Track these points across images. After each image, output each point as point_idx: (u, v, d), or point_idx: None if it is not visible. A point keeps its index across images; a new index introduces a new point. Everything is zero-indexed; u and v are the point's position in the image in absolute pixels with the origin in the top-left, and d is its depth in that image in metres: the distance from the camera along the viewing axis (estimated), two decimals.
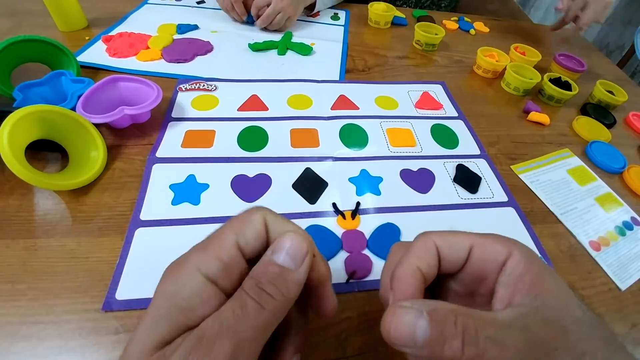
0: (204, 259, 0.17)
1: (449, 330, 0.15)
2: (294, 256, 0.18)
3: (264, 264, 0.18)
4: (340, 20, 0.74)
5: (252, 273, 0.17)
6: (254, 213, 0.19)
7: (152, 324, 0.16)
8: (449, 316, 0.15)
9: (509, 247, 0.19)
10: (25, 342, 0.26)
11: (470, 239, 0.20)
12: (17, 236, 0.32)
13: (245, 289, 0.16)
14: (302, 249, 0.18)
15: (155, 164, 0.39)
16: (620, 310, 0.34)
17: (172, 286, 0.17)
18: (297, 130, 0.46)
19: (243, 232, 0.18)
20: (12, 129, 0.31)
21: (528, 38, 0.78)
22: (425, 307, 0.16)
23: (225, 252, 0.18)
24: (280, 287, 0.17)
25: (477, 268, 0.20)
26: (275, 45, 0.62)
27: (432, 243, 0.20)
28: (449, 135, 0.49)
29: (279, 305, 0.16)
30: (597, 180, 0.46)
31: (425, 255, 0.20)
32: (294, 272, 0.17)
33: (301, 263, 0.18)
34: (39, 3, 0.57)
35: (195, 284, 0.16)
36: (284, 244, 0.18)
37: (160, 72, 0.52)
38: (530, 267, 0.18)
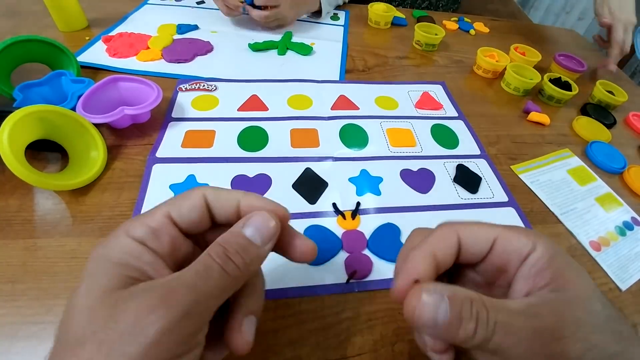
0: (130, 224, 0.19)
1: (465, 314, 0.16)
2: (263, 234, 0.19)
3: (233, 234, 0.19)
4: (340, 20, 0.74)
5: (221, 240, 0.18)
6: (192, 190, 0.20)
7: (93, 280, 0.17)
8: (466, 301, 0.17)
9: (533, 240, 0.19)
10: (25, 341, 0.26)
11: (495, 231, 0.20)
12: (17, 236, 0.32)
13: (212, 254, 0.18)
14: (272, 230, 0.19)
15: (155, 164, 0.39)
16: (620, 310, 0.34)
17: (102, 250, 0.18)
18: (297, 130, 0.46)
19: (177, 205, 0.20)
20: (12, 129, 0.31)
21: (528, 38, 0.78)
22: (446, 291, 0.17)
23: (153, 219, 0.19)
24: (245, 258, 0.18)
25: (498, 260, 0.20)
26: (275, 45, 0.62)
27: (453, 233, 0.20)
28: (449, 135, 0.49)
29: (240, 274, 0.18)
30: (597, 180, 0.46)
31: (443, 244, 0.20)
32: (259, 247, 0.19)
33: (268, 242, 0.19)
34: (39, 3, 0.57)
35: (124, 243, 0.18)
36: (254, 221, 0.19)
37: (160, 72, 0.52)
38: (552, 262, 0.18)
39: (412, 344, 0.29)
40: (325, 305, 0.30)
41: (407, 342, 0.29)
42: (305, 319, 0.29)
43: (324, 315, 0.29)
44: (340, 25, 0.72)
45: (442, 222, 0.21)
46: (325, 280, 0.31)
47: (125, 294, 0.16)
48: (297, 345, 0.28)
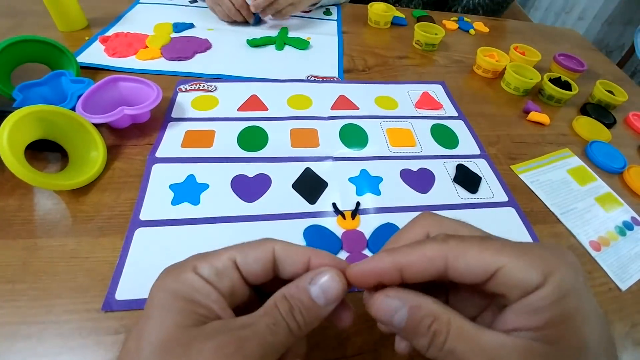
0: (197, 262, 0.19)
1: (421, 330, 0.16)
2: (328, 296, 0.19)
3: (299, 289, 0.19)
4: (333, 15, 0.75)
5: (287, 294, 0.18)
6: (263, 242, 0.20)
7: (165, 314, 0.17)
8: (426, 318, 0.16)
9: (545, 274, 0.16)
10: (25, 342, 0.26)
11: (500, 260, 0.16)
12: (17, 236, 0.32)
13: (280, 309, 0.18)
14: (337, 292, 0.19)
15: (155, 164, 0.39)
16: (620, 310, 0.34)
17: (173, 283, 0.18)
18: (297, 130, 0.46)
19: (244, 253, 0.20)
20: (12, 129, 0.31)
21: (528, 38, 0.78)
22: (410, 301, 0.17)
23: (219, 261, 0.19)
24: (307, 319, 0.18)
25: (497, 289, 0.17)
26: (273, 41, 0.62)
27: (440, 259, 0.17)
28: (449, 135, 0.49)
29: (300, 333, 0.18)
30: (597, 180, 0.46)
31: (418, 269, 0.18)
32: (322, 308, 0.19)
33: (331, 303, 0.19)
34: (39, 3, 0.57)
35: (193, 280, 0.18)
36: (321, 280, 0.19)
37: (161, 70, 0.53)
38: (558, 303, 0.15)
39: None
40: None
41: (407, 342, 0.29)
42: None
43: None
44: (334, 20, 0.73)
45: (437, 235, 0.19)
46: None
47: (199, 333, 0.16)
48: None
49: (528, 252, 0.17)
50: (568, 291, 0.15)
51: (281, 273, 0.20)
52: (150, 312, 0.17)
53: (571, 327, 0.15)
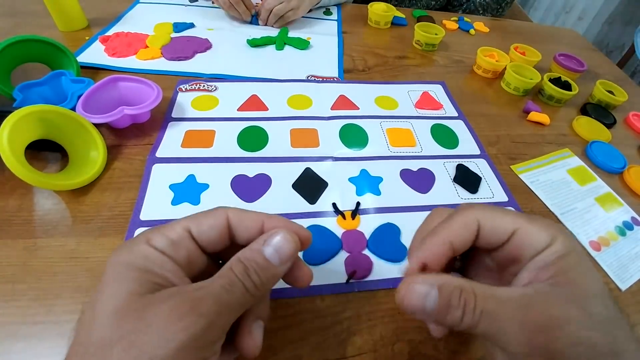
0: (151, 234, 0.19)
1: (454, 302, 0.18)
2: (281, 255, 0.20)
3: (253, 251, 0.20)
4: (333, 15, 0.75)
5: (242, 256, 0.19)
6: (216, 210, 0.21)
7: (119, 285, 0.17)
8: (455, 291, 0.18)
9: (552, 236, 0.19)
10: (25, 341, 0.26)
11: (517, 223, 0.20)
12: (17, 236, 0.32)
13: (235, 270, 0.19)
14: (290, 250, 0.20)
15: (155, 164, 0.39)
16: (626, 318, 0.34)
17: (125, 256, 0.18)
18: (297, 130, 0.46)
19: (198, 221, 0.20)
20: (12, 129, 0.31)
21: (528, 38, 0.78)
22: (437, 281, 0.18)
23: (174, 232, 0.20)
24: (263, 278, 0.19)
25: (514, 250, 0.20)
26: (273, 41, 0.62)
27: (474, 220, 0.20)
28: (449, 135, 0.49)
29: (258, 292, 0.19)
30: (597, 180, 0.46)
31: (461, 231, 0.20)
32: (277, 267, 0.20)
33: (285, 262, 0.20)
34: (39, 3, 0.57)
35: (147, 251, 0.19)
36: (274, 240, 0.20)
37: (161, 70, 0.53)
38: (562, 258, 0.18)
39: (412, 344, 0.29)
40: (325, 305, 0.30)
41: (407, 342, 0.29)
42: (305, 319, 0.29)
43: (324, 315, 0.29)
44: (334, 20, 0.73)
45: (463, 205, 0.22)
46: (325, 280, 0.31)
47: (153, 298, 0.17)
48: (297, 345, 0.28)
49: (538, 220, 0.20)
50: (571, 250, 0.19)
51: (237, 239, 0.21)
52: (104, 284, 0.18)
53: (575, 274, 0.18)
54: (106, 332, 0.16)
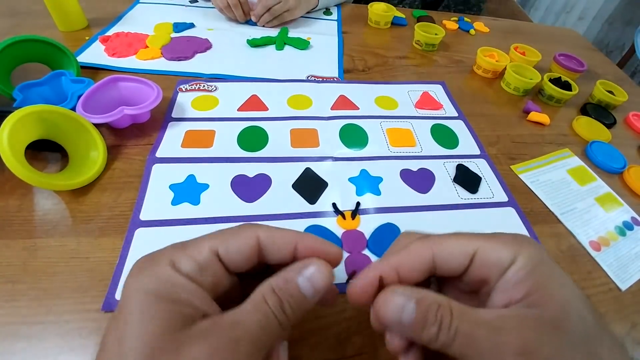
0: (175, 256, 0.18)
1: (430, 318, 0.17)
2: (316, 287, 0.19)
3: (288, 282, 0.18)
4: (333, 15, 0.75)
5: (276, 287, 0.18)
6: (245, 229, 0.20)
7: (147, 317, 0.16)
8: (433, 305, 0.17)
9: (515, 251, 0.18)
10: (25, 342, 0.26)
11: (474, 244, 0.19)
12: (17, 236, 0.32)
13: (270, 304, 0.18)
14: (324, 282, 0.19)
15: (155, 164, 0.39)
16: (620, 311, 0.34)
17: (152, 282, 0.17)
18: (297, 130, 0.46)
19: (226, 242, 0.19)
20: (12, 129, 0.31)
21: (528, 38, 0.78)
22: (415, 294, 0.18)
23: (200, 254, 0.18)
24: (297, 312, 0.18)
25: (479, 272, 0.19)
26: (273, 41, 0.62)
27: (427, 250, 0.20)
28: (449, 135, 0.49)
29: (289, 325, 0.18)
30: (597, 180, 0.46)
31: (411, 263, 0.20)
32: (310, 300, 0.19)
33: (318, 294, 0.19)
34: (39, 3, 0.57)
35: (174, 278, 0.17)
36: (308, 272, 0.19)
37: (161, 70, 0.53)
38: (532, 274, 0.18)
39: None
40: None
41: None
42: (306, 318, 0.29)
43: (324, 315, 0.29)
44: (334, 20, 0.73)
45: (420, 237, 0.21)
46: None
47: (188, 336, 0.16)
48: (298, 345, 0.28)
49: (496, 236, 0.19)
50: (538, 262, 0.18)
51: (267, 259, 0.20)
52: (130, 315, 0.16)
53: (549, 290, 0.17)
54: None
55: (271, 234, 0.20)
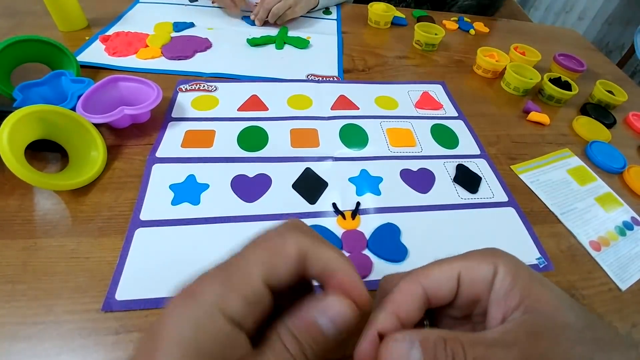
0: (226, 296, 0.16)
1: (440, 356, 0.16)
2: (338, 326, 0.17)
3: (308, 324, 0.17)
4: (333, 15, 0.75)
5: (294, 328, 0.17)
6: (287, 239, 0.18)
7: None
8: (439, 342, 0.16)
9: (493, 263, 0.19)
10: (25, 342, 0.26)
11: (455, 267, 0.19)
12: (17, 236, 0.32)
13: (288, 346, 0.16)
14: (347, 319, 0.17)
15: (155, 164, 0.39)
16: (620, 310, 0.34)
17: (193, 331, 0.15)
18: (297, 130, 0.46)
19: (275, 267, 0.17)
20: (12, 129, 0.31)
21: (528, 38, 0.78)
22: (416, 337, 0.16)
23: (251, 288, 0.16)
24: (317, 350, 0.17)
25: (469, 293, 0.19)
26: (273, 40, 0.63)
27: (417, 286, 0.19)
28: (449, 135, 0.49)
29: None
30: (597, 180, 0.46)
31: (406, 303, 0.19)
32: (329, 342, 0.17)
33: (339, 335, 0.17)
34: (39, 3, 0.57)
35: (218, 330, 0.15)
36: (332, 311, 0.17)
37: (161, 70, 0.53)
38: (517, 280, 0.18)
39: None
40: None
41: None
42: None
43: None
44: (333, 19, 0.73)
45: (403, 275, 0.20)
46: None
47: None
48: None
49: (471, 254, 0.20)
50: (517, 268, 0.18)
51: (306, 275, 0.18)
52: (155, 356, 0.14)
53: (537, 291, 0.18)
54: None
55: (317, 249, 0.18)
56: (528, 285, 0.18)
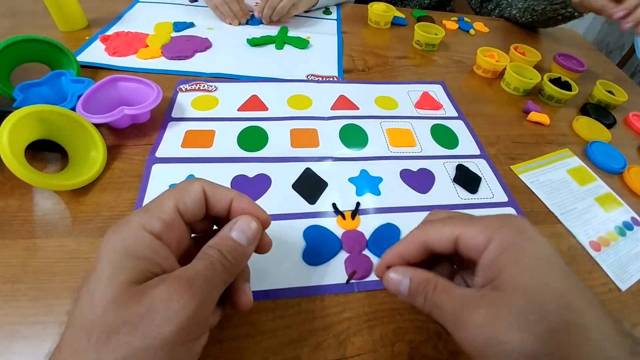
0: (146, 219, 0.20)
1: (419, 291, 0.22)
2: (248, 236, 0.22)
3: (222, 238, 0.22)
4: (333, 15, 0.75)
5: (213, 243, 0.21)
6: (193, 183, 0.23)
7: (115, 270, 0.18)
8: (421, 282, 0.22)
9: (489, 236, 0.20)
10: (25, 342, 0.26)
11: (455, 230, 0.22)
12: (17, 236, 0.32)
13: (211, 254, 0.21)
14: (254, 233, 0.23)
15: (155, 164, 0.39)
16: (620, 310, 0.34)
17: (122, 242, 0.19)
18: (297, 131, 0.46)
19: (183, 199, 0.22)
20: (12, 129, 0.31)
21: (528, 38, 0.78)
22: (409, 273, 0.23)
23: (166, 214, 0.21)
24: (236, 257, 0.21)
25: (464, 254, 0.22)
26: (273, 40, 0.63)
27: (419, 237, 0.23)
28: (448, 135, 0.49)
29: (234, 270, 0.21)
30: (597, 180, 0.46)
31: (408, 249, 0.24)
32: (245, 247, 0.22)
33: (252, 242, 0.23)
34: (39, 3, 0.57)
35: (145, 238, 0.19)
36: (239, 225, 0.22)
37: (161, 70, 0.53)
38: (500, 257, 0.20)
39: (412, 344, 0.29)
40: (325, 305, 0.30)
41: (407, 342, 0.29)
42: (305, 318, 0.29)
43: (324, 315, 0.29)
44: (333, 19, 0.73)
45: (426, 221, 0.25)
46: (325, 281, 0.31)
47: (148, 284, 0.18)
48: (297, 345, 0.28)
49: (478, 222, 0.22)
50: (509, 246, 0.20)
51: (209, 212, 0.23)
52: (101, 270, 0.18)
53: (507, 275, 0.19)
54: (109, 318, 0.17)
55: (213, 187, 0.23)
56: (507, 266, 0.19)
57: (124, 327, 0.17)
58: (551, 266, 0.19)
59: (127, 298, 0.17)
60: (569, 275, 0.19)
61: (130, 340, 0.17)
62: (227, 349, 0.27)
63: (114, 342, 0.16)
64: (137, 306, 0.17)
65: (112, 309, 0.17)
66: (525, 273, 0.19)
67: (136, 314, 0.17)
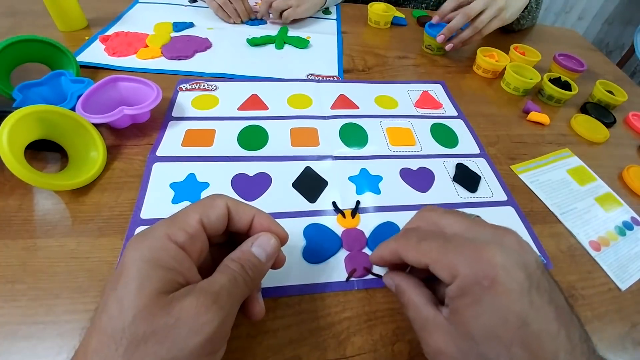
0: (171, 230, 0.21)
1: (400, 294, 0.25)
2: (267, 253, 0.23)
3: (245, 253, 0.23)
4: (333, 14, 0.75)
5: (235, 257, 0.22)
6: (216, 199, 0.24)
7: (143, 280, 0.18)
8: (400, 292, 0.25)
9: (453, 275, 0.21)
10: (25, 342, 0.26)
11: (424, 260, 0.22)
12: (17, 236, 0.32)
13: (234, 269, 0.22)
14: (274, 249, 0.24)
15: (156, 163, 0.39)
16: (620, 310, 0.34)
17: (149, 251, 0.20)
18: (297, 130, 0.46)
19: (207, 213, 0.22)
20: (12, 129, 0.31)
21: (528, 38, 0.78)
22: (396, 279, 0.25)
23: (190, 226, 0.21)
24: (255, 273, 0.22)
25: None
26: (273, 40, 0.63)
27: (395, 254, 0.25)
28: (448, 135, 0.49)
29: (253, 284, 0.23)
30: (597, 180, 0.46)
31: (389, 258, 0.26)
32: (264, 264, 0.23)
33: (270, 259, 0.24)
34: (39, 3, 0.57)
35: (170, 249, 0.20)
36: (261, 241, 0.24)
37: (161, 70, 0.53)
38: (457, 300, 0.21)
39: (412, 344, 0.29)
40: (325, 304, 0.30)
41: (407, 342, 0.29)
42: (305, 318, 0.29)
43: (324, 314, 0.29)
44: (333, 19, 0.73)
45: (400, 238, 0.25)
46: (325, 279, 0.31)
47: (176, 295, 0.19)
48: (297, 345, 0.28)
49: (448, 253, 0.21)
50: (466, 292, 0.20)
51: (230, 228, 0.24)
52: (129, 278, 0.19)
53: (461, 318, 0.20)
54: (139, 328, 0.17)
55: (236, 205, 0.24)
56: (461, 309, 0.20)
57: (153, 336, 0.17)
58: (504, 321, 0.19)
59: (157, 308, 0.18)
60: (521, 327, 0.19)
61: (158, 350, 0.17)
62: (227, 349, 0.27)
63: (142, 351, 0.17)
64: (167, 317, 0.18)
65: (141, 318, 0.17)
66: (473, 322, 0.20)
67: (165, 324, 0.18)
